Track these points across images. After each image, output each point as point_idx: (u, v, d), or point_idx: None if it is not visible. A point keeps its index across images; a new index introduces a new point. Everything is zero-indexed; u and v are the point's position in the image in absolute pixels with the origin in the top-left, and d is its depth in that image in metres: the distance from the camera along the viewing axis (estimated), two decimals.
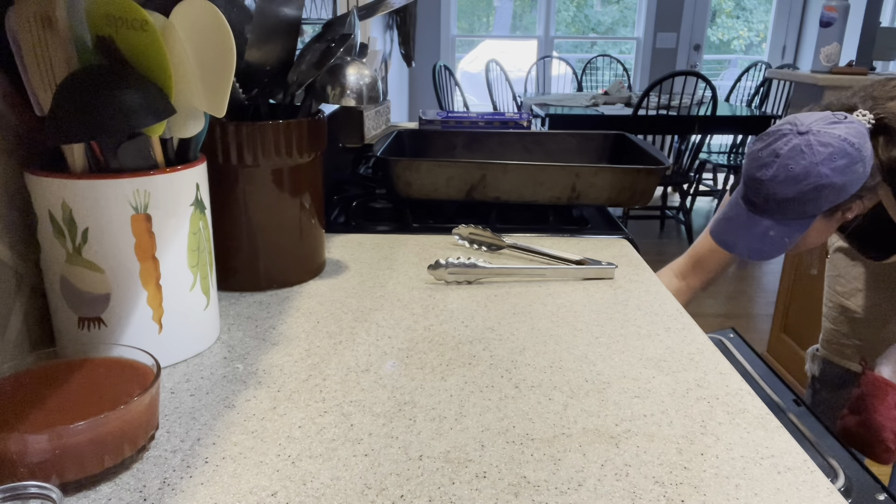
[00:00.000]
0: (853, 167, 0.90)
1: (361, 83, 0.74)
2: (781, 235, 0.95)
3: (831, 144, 0.90)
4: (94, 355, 0.52)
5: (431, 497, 0.44)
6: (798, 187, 0.91)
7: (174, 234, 0.57)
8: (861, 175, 0.90)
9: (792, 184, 0.91)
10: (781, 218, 0.95)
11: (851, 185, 0.91)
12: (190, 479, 0.45)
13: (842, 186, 0.90)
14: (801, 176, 0.90)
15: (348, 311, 0.73)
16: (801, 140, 0.92)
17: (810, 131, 0.92)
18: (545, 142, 1.30)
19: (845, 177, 0.90)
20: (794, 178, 0.91)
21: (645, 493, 0.45)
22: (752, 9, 5.50)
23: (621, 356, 0.64)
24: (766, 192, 0.94)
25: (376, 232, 1.02)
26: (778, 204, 0.94)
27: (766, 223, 0.96)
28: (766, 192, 0.94)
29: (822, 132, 0.91)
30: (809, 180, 0.90)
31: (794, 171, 0.91)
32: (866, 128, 0.93)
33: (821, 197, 0.91)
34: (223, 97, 0.55)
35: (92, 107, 0.50)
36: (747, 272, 3.47)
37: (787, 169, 0.91)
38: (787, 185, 0.92)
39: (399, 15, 1.21)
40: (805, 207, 0.93)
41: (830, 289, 1.34)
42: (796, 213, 0.94)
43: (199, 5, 0.54)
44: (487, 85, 4.61)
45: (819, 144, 0.90)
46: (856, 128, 0.92)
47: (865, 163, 0.91)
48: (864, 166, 0.90)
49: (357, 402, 0.55)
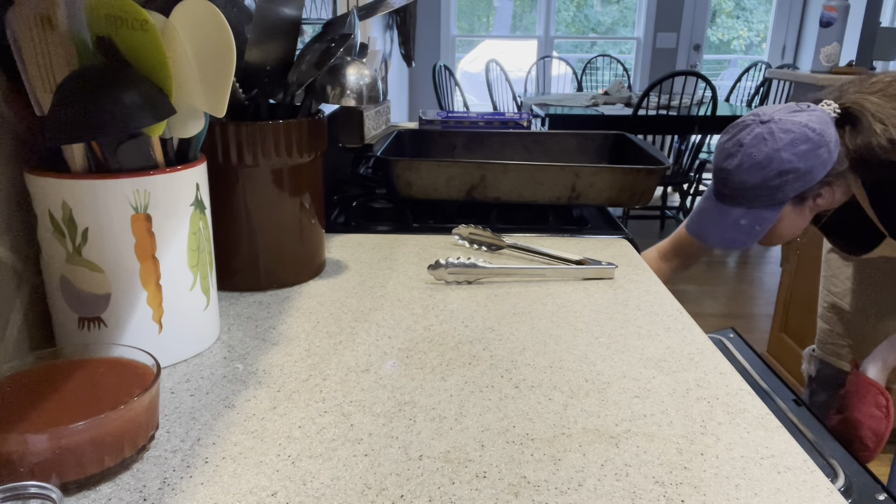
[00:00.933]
0: (816, 152, 0.92)
1: (361, 83, 0.74)
2: (752, 224, 0.98)
3: (792, 131, 0.93)
4: (94, 355, 0.52)
5: (431, 497, 0.44)
6: (762, 174, 0.94)
7: (174, 234, 0.57)
8: (826, 160, 0.93)
9: (756, 171, 0.94)
10: (750, 206, 0.97)
11: (816, 170, 0.93)
12: (190, 479, 0.45)
13: (806, 171, 0.93)
14: (765, 162, 0.94)
15: (348, 311, 0.73)
16: (763, 129, 0.95)
17: (772, 120, 0.95)
18: (545, 142, 1.30)
19: (808, 162, 0.92)
20: (758, 165, 0.94)
21: (645, 493, 0.45)
22: (752, 9, 5.50)
23: (621, 356, 0.64)
24: (733, 181, 0.97)
25: (376, 232, 1.02)
26: (745, 192, 0.97)
27: (737, 213, 0.99)
28: (732, 182, 0.97)
29: (783, 120, 0.94)
30: (773, 166, 0.93)
31: (758, 159, 0.94)
32: (831, 116, 0.95)
33: (786, 183, 0.94)
34: (223, 97, 0.55)
35: (92, 107, 0.50)
36: (747, 272, 3.47)
37: (750, 157, 0.95)
38: (752, 172, 0.95)
39: (399, 15, 1.21)
40: (772, 194, 0.95)
41: (825, 289, 1.34)
42: (764, 201, 0.96)
43: (199, 5, 0.54)
44: (487, 85, 4.61)
45: (780, 131, 0.93)
46: (818, 115, 0.94)
47: (829, 148, 0.93)
48: (828, 151, 0.93)
49: (357, 402, 0.55)
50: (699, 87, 3.67)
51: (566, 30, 5.47)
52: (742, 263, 3.57)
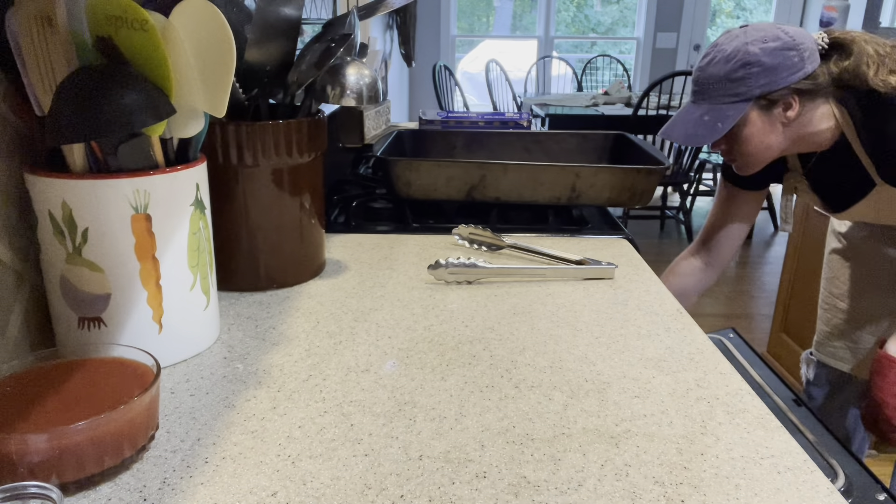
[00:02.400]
0: (785, 52, 0.94)
1: (361, 83, 0.74)
2: (715, 120, 1.00)
3: (764, 30, 0.96)
4: (94, 355, 0.52)
5: (431, 497, 0.44)
6: (728, 66, 0.97)
7: (174, 234, 0.57)
8: (796, 65, 0.95)
9: (722, 63, 0.98)
10: (715, 101, 1.00)
11: (783, 71, 0.95)
12: (190, 479, 0.45)
13: (771, 68, 0.95)
14: (732, 55, 0.97)
15: (348, 311, 0.73)
16: (738, 30, 0.99)
17: (749, 25, 0.99)
18: (545, 142, 1.30)
19: (775, 59, 0.95)
20: (725, 58, 0.98)
21: (645, 493, 0.45)
22: (752, 9, 5.50)
23: (621, 356, 0.64)
24: (702, 76, 1.01)
25: (376, 232, 1.02)
26: (710, 85, 1.00)
27: (703, 108, 1.01)
28: (701, 77, 1.01)
29: (760, 24, 0.98)
30: (738, 57, 0.96)
31: (726, 52, 0.98)
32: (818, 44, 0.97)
33: (749, 76, 0.96)
34: (223, 97, 0.55)
35: (92, 107, 0.50)
36: (747, 272, 3.47)
37: (721, 51, 0.98)
38: (720, 65, 0.98)
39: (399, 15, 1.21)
40: (734, 87, 0.98)
41: (825, 290, 1.34)
42: (728, 94, 0.98)
43: (199, 5, 0.54)
44: (487, 85, 4.61)
45: (753, 30, 0.97)
46: (799, 30, 0.97)
47: (801, 54, 0.95)
48: (799, 56, 0.95)
49: (357, 402, 0.55)
50: None
51: (566, 30, 5.47)
52: (742, 263, 3.57)
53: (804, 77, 0.95)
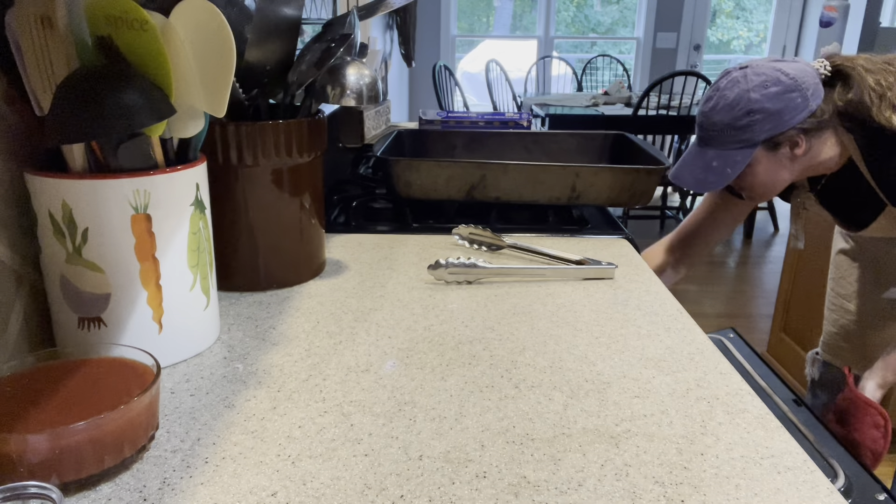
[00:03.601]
0: (787, 95, 0.95)
1: (361, 83, 0.74)
2: (724, 165, 1.01)
3: (765, 74, 0.96)
4: (94, 355, 0.52)
5: (431, 497, 0.44)
6: (732, 113, 0.98)
7: (174, 234, 0.57)
8: (799, 105, 0.95)
9: (726, 111, 0.98)
10: (722, 147, 1.01)
11: (787, 114, 0.95)
12: (190, 479, 0.45)
13: (775, 113, 0.95)
14: (734, 102, 0.98)
15: (348, 311, 0.73)
16: (739, 73, 0.99)
17: (749, 66, 0.99)
18: (545, 142, 1.30)
19: (778, 103, 0.95)
20: (729, 106, 0.98)
21: (645, 493, 0.45)
22: (752, 9, 5.50)
23: (621, 356, 0.64)
24: (707, 122, 1.01)
25: (376, 232, 1.02)
26: (717, 132, 1.00)
27: (710, 154, 1.02)
28: (706, 123, 1.02)
29: (760, 65, 0.98)
30: (741, 105, 0.97)
31: (729, 99, 0.98)
32: (819, 73, 0.97)
33: (754, 122, 0.97)
34: (223, 97, 0.55)
35: (92, 107, 0.50)
36: (747, 272, 3.47)
37: (723, 98, 0.99)
38: (723, 112, 0.99)
39: (399, 15, 1.21)
40: (740, 134, 0.98)
41: (832, 291, 1.33)
42: (735, 141, 0.99)
43: (199, 5, 0.54)
44: (487, 85, 4.61)
45: (753, 74, 0.97)
46: (798, 65, 0.97)
47: (804, 93, 0.95)
48: (802, 97, 0.95)
49: (357, 402, 0.55)
50: (699, 87, 3.67)
51: (566, 30, 5.47)
52: (742, 263, 3.57)
53: (809, 115, 0.96)
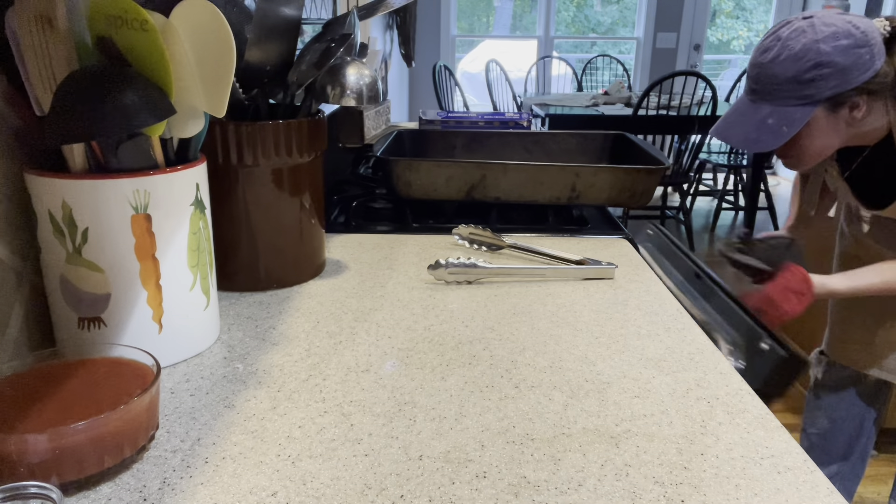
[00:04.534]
0: (857, 50, 0.87)
1: (361, 83, 0.74)
2: (780, 123, 0.93)
3: (835, 24, 0.88)
4: (94, 355, 0.52)
5: (431, 497, 0.44)
6: (797, 66, 0.90)
7: (174, 234, 0.57)
8: (867, 63, 0.88)
9: (791, 62, 0.90)
10: (781, 103, 0.93)
11: (855, 71, 0.88)
12: (190, 479, 0.45)
13: (844, 69, 0.88)
14: (801, 53, 0.89)
15: (348, 311, 0.73)
16: (804, 22, 0.91)
17: (815, 15, 0.91)
18: (545, 142, 1.30)
19: (848, 58, 0.88)
20: (794, 57, 0.90)
21: (645, 493, 0.45)
22: (752, 9, 5.50)
23: (621, 356, 0.64)
24: (766, 74, 0.93)
25: (376, 232, 1.02)
26: (777, 86, 0.92)
27: (765, 110, 0.94)
28: (765, 75, 0.93)
29: (826, 16, 0.90)
30: (809, 57, 0.89)
31: (794, 49, 0.90)
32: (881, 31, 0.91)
33: (821, 77, 0.89)
34: (223, 97, 0.55)
35: (92, 107, 0.50)
36: None
37: (787, 48, 0.90)
38: (787, 63, 0.90)
39: (399, 15, 1.21)
40: (804, 89, 0.91)
41: None
42: (796, 97, 0.91)
43: (199, 5, 0.54)
44: (487, 85, 4.61)
45: (822, 24, 0.89)
46: (865, 21, 0.90)
47: (872, 51, 0.88)
48: (870, 54, 0.88)
49: (357, 402, 0.55)
50: (699, 87, 3.66)
51: (566, 30, 5.47)
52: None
53: (874, 76, 0.90)
